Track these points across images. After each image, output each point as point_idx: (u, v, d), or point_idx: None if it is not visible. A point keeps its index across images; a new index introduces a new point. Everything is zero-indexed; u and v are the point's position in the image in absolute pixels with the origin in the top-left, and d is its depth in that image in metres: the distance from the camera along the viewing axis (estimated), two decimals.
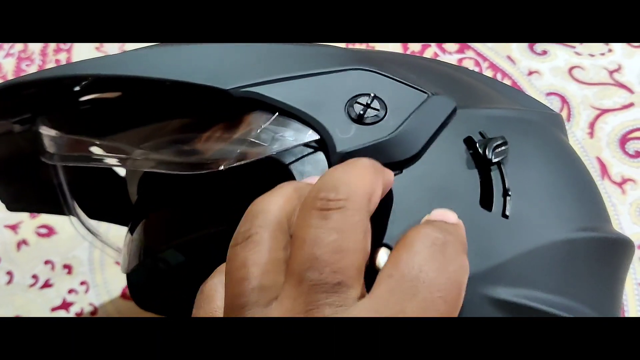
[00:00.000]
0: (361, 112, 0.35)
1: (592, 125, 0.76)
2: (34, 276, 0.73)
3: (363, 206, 0.28)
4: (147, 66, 0.37)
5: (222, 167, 0.35)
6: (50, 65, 0.89)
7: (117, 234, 0.64)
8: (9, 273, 0.73)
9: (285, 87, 0.36)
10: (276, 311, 0.26)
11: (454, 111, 0.37)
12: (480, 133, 0.37)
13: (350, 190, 0.27)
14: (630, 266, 0.42)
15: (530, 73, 0.80)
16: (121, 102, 0.44)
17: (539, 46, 0.82)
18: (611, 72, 0.79)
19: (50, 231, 0.75)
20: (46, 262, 0.73)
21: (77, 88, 0.45)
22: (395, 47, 0.82)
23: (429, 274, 0.26)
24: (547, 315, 0.33)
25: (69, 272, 0.72)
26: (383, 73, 0.37)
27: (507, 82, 0.79)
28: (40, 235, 0.75)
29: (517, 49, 0.82)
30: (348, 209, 0.27)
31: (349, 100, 0.36)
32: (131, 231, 0.47)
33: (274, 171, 0.36)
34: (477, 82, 0.44)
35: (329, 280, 0.26)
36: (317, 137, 0.35)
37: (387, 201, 0.33)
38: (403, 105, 0.36)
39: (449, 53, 0.83)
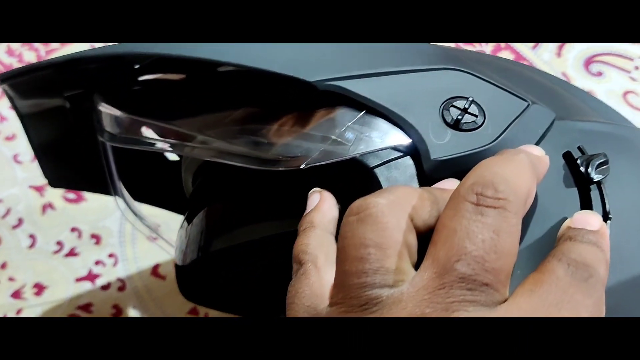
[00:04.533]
0: (458, 117, 0.32)
1: None
2: (59, 243, 0.70)
3: (520, 209, 0.26)
4: (224, 50, 0.35)
5: (302, 166, 0.33)
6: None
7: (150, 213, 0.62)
8: (32, 236, 0.71)
9: (374, 84, 0.33)
10: (407, 295, 0.25)
11: (552, 122, 0.34)
12: (579, 148, 0.34)
13: (509, 190, 0.26)
14: None
15: None
16: (184, 85, 0.41)
17: (595, 66, 0.80)
18: None
19: (78, 197, 0.73)
20: (72, 229, 0.71)
21: (137, 66, 0.42)
22: None
23: (575, 298, 0.25)
24: None
25: (97, 243, 0.70)
26: (479, 76, 0.34)
27: None
28: (67, 200, 0.73)
29: (573, 67, 0.80)
30: (507, 210, 0.25)
31: (443, 103, 0.33)
32: (188, 220, 0.44)
33: (356, 173, 0.33)
34: (564, 91, 0.41)
35: (478, 278, 0.24)
36: (406, 140, 0.33)
37: None
38: (502, 113, 0.33)
39: None
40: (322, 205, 0.32)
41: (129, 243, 0.70)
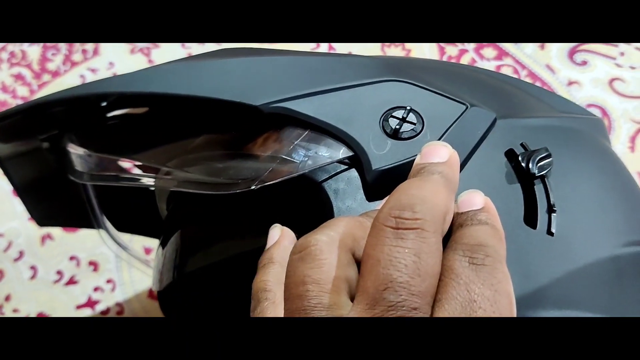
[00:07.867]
0: (397, 127, 0.34)
1: (633, 140, 0.74)
2: (59, 272, 0.72)
3: (438, 227, 0.26)
4: (172, 82, 0.36)
5: (253, 187, 0.34)
6: (77, 55, 0.88)
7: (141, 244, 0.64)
8: (33, 268, 0.73)
9: (316, 102, 0.35)
10: None
11: (493, 122, 0.35)
12: (522, 145, 0.35)
13: (426, 209, 0.26)
14: None
15: (570, 83, 0.78)
16: (148, 118, 0.42)
17: (579, 56, 0.79)
18: None
19: None
20: (71, 258, 0.73)
21: (104, 104, 0.44)
22: (433, 54, 0.80)
23: (477, 292, 0.25)
24: None
25: (95, 269, 0.72)
26: (418, 84, 0.35)
27: None
28: (65, 230, 0.75)
29: (557, 58, 0.80)
30: (425, 230, 0.26)
31: (383, 114, 0.34)
32: (162, 245, 0.46)
33: (307, 188, 0.35)
34: (515, 88, 0.42)
35: (406, 304, 0.24)
36: (351, 153, 0.34)
37: None
38: (440, 118, 0.34)
39: (487, 60, 0.80)
40: (282, 240, 0.32)
41: (125, 268, 0.71)
